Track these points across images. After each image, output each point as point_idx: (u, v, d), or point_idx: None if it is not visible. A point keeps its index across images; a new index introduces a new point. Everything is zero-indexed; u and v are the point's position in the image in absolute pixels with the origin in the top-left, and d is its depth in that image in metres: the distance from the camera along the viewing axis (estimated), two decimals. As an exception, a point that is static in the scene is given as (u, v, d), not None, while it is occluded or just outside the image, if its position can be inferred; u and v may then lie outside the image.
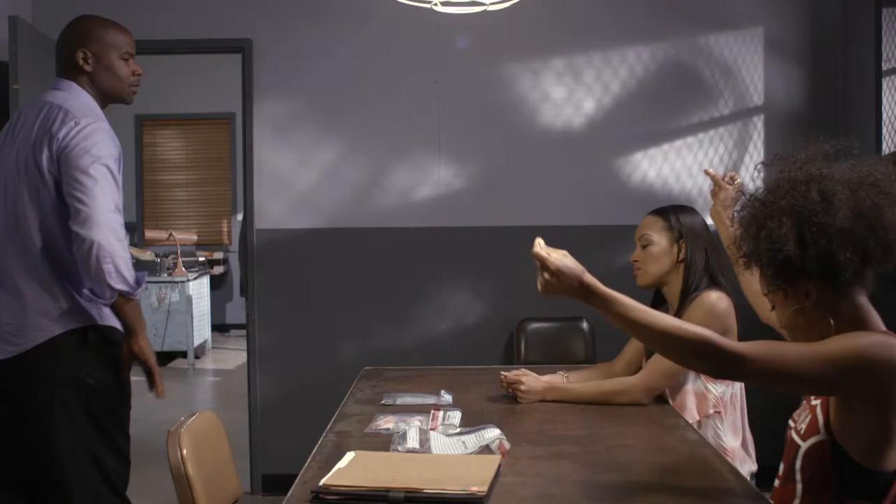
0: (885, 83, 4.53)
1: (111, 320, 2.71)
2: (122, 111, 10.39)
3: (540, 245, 1.97)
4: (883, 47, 4.53)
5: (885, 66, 4.53)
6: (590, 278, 1.93)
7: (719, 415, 2.77)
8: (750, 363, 1.72)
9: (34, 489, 2.67)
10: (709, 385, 2.78)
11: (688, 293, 2.83)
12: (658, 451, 2.33)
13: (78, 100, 2.76)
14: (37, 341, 2.61)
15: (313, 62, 4.88)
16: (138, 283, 2.64)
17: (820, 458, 1.80)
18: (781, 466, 1.93)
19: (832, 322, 1.80)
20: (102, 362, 2.70)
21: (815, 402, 1.87)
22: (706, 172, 2.95)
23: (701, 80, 4.91)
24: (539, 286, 1.98)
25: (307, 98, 4.89)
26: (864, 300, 1.83)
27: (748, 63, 4.93)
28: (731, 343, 1.75)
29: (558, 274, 1.93)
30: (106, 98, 2.89)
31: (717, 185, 2.88)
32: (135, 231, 9.96)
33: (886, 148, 4.49)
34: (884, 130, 4.52)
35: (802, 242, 1.77)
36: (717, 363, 1.74)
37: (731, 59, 4.92)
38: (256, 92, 4.87)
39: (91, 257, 2.52)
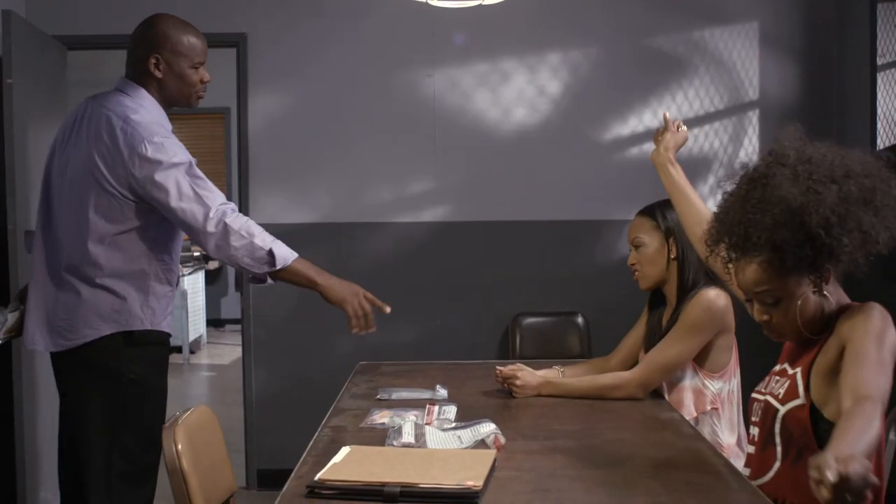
0: (880, 78, 4.54)
1: (160, 324, 2.84)
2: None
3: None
4: (878, 42, 4.53)
5: (880, 61, 4.54)
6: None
7: (717, 411, 2.77)
8: (877, 398, 1.76)
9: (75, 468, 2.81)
10: (706, 381, 2.78)
11: (685, 290, 2.82)
12: (653, 446, 2.33)
13: (146, 112, 2.80)
14: (87, 339, 2.72)
15: (308, 57, 4.87)
16: (275, 257, 2.87)
17: (799, 420, 1.90)
18: (756, 432, 2.02)
19: (833, 301, 1.94)
20: (144, 360, 2.80)
21: (794, 370, 1.96)
22: (664, 116, 2.95)
23: (696, 75, 4.91)
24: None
25: (302, 92, 4.88)
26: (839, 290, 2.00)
27: (743, 57, 4.93)
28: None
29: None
30: (170, 103, 2.94)
31: (667, 128, 2.88)
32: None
33: (881, 143, 4.50)
34: (878, 125, 4.52)
35: (827, 227, 1.83)
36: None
37: (725, 54, 4.92)
38: (251, 86, 4.86)
39: (223, 258, 2.78)
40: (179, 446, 2.18)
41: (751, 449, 2.07)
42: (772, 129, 4.92)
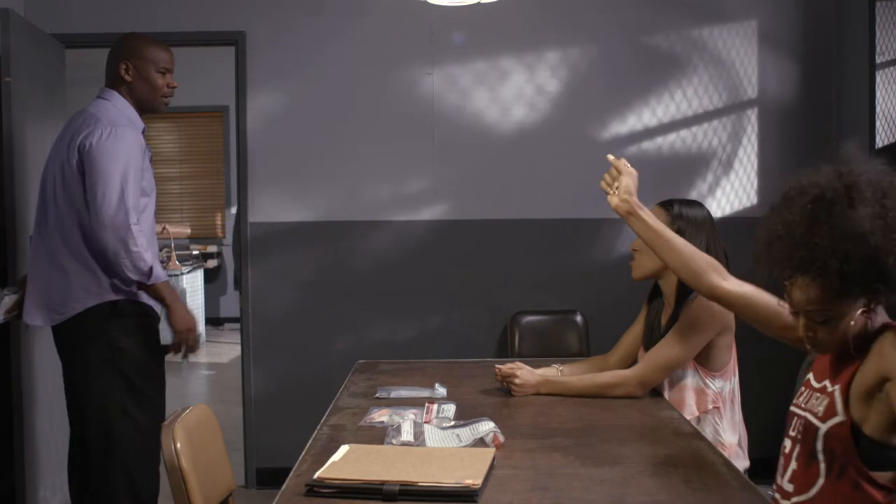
0: (879, 76, 4.53)
1: (148, 298, 3.22)
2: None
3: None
4: (877, 40, 4.53)
5: (878, 59, 4.53)
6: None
7: (718, 410, 2.77)
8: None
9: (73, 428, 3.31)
10: (707, 381, 2.78)
11: (685, 289, 2.80)
12: (652, 444, 2.33)
13: (113, 108, 3.21)
14: (75, 311, 3.15)
15: (306, 55, 4.87)
16: (152, 274, 3.12)
17: (840, 438, 1.88)
18: (797, 450, 1.98)
19: (872, 320, 1.93)
20: (132, 329, 3.21)
21: (833, 387, 1.94)
22: (610, 160, 2.67)
23: (695, 73, 4.91)
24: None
25: (300, 91, 4.88)
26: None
27: (742, 56, 4.93)
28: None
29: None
30: (141, 106, 3.30)
31: (618, 171, 2.61)
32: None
33: (880, 141, 4.50)
34: (877, 124, 4.52)
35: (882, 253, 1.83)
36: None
37: (724, 52, 4.92)
38: (250, 85, 4.86)
39: (107, 253, 3.06)
40: (178, 445, 2.18)
41: (794, 465, 2.00)
42: (771, 127, 4.92)
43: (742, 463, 2.80)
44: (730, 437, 2.78)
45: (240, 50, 4.85)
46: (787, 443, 2.05)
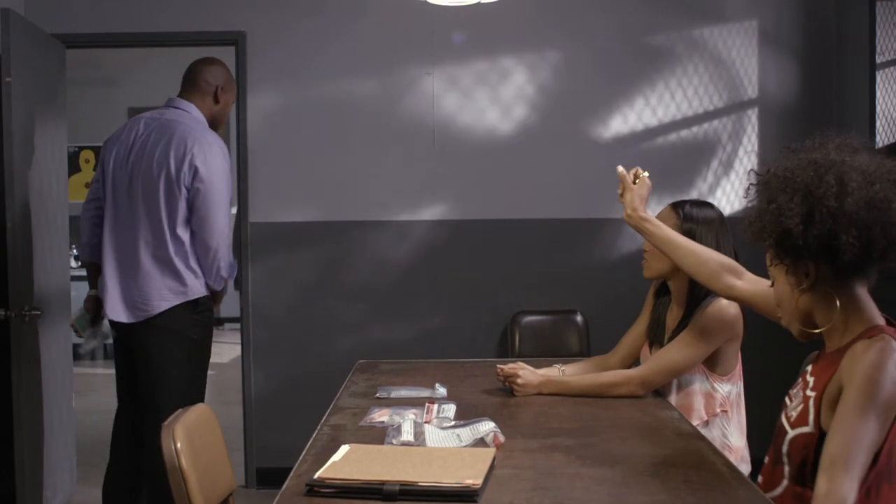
0: (879, 76, 4.54)
1: (206, 292, 3.63)
2: (116, 104, 10.36)
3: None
4: (877, 40, 4.53)
5: (878, 59, 4.54)
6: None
7: (726, 414, 2.77)
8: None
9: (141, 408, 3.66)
10: (716, 385, 2.78)
11: (695, 292, 2.79)
12: (652, 444, 2.33)
13: (202, 121, 3.65)
14: (160, 309, 3.52)
15: (306, 55, 4.87)
16: (231, 275, 3.71)
17: (804, 448, 1.86)
18: (771, 447, 1.99)
19: (837, 303, 1.87)
20: (201, 323, 3.63)
21: (811, 392, 1.90)
22: (619, 172, 2.67)
23: (695, 73, 4.91)
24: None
25: (300, 91, 4.88)
26: (863, 292, 1.88)
27: (742, 56, 4.93)
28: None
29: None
30: (211, 123, 3.73)
31: (625, 185, 2.64)
32: (128, 224, 9.94)
33: (880, 141, 4.50)
34: (878, 123, 4.52)
35: (809, 220, 1.81)
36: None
37: (724, 52, 4.92)
38: (250, 85, 4.86)
39: (208, 255, 3.52)
40: (178, 445, 2.18)
41: (766, 460, 2.03)
42: (771, 126, 4.92)
43: (745, 468, 2.80)
44: (737, 439, 2.78)
45: (240, 50, 4.85)
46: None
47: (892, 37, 4.54)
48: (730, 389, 2.79)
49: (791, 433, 1.90)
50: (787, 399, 2.02)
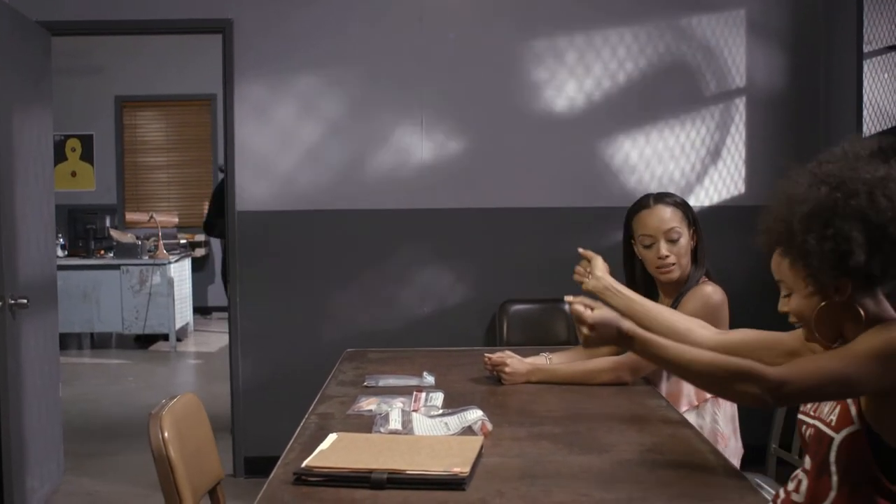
0: (867, 65, 4.54)
1: None
2: (103, 92, 10.32)
3: (578, 301, 2.17)
4: (864, 30, 4.54)
5: (866, 49, 4.54)
6: (627, 325, 2.04)
7: (717, 400, 2.78)
8: (792, 384, 1.77)
9: None
10: None
11: (680, 283, 2.82)
12: (640, 432, 2.34)
13: None
14: None
15: (294, 42, 4.84)
16: None
17: (856, 448, 1.79)
18: (808, 461, 1.90)
19: (862, 314, 1.81)
20: None
21: None
22: (581, 253, 2.77)
23: (683, 62, 4.91)
24: (581, 340, 2.14)
25: (288, 79, 4.86)
26: (879, 291, 1.85)
27: (730, 45, 4.93)
28: (771, 368, 1.79)
29: (597, 327, 2.06)
30: None
31: (589, 259, 2.72)
32: (115, 213, 9.90)
33: (867, 130, 4.51)
34: (865, 113, 4.53)
35: (870, 247, 1.74)
36: (761, 389, 1.78)
37: (713, 41, 4.92)
38: (237, 73, 4.83)
39: None
40: (166, 434, 2.18)
41: (803, 476, 1.92)
42: (759, 116, 4.93)
43: (738, 452, 2.82)
44: (725, 426, 2.79)
45: (227, 38, 4.82)
46: (802, 453, 1.98)
47: (879, 26, 4.55)
48: None
49: (837, 437, 1.82)
50: (802, 416, 1.97)
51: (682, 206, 2.90)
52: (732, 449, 2.81)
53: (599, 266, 2.67)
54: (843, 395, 1.80)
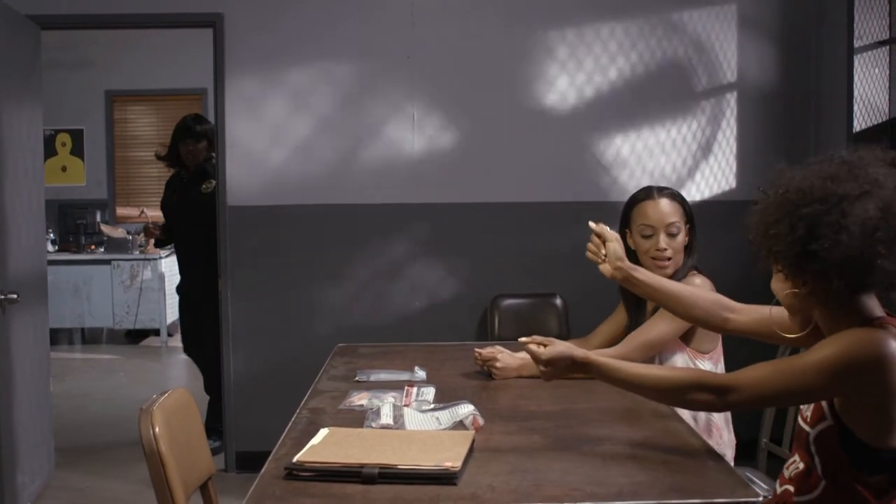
0: (857, 60, 4.55)
1: None
2: (93, 86, 10.25)
3: (531, 340, 2.26)
4: (855, 24, 4.54)
5: (857, 44, 4.55)
6: (580, 355, 2.16)
7: None
8: (738, 392, 1.87)
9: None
10: (697, 362, 2.80)
11: (674, 277, 2.82)
12: (630, 426, 2.34)
13: None
14: None
15: (285, 36, 4.83)
16: None
17: (829, 443, 1.84)
18: (797, 455, 1.95)
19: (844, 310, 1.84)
20: None
21: None
22: (592, 227, 2.59)
23: (674, 57, 4.91)
24: (542, 376, 2.25)
25: (279, 73, 4.85)
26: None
27: (721, 40, 4.93)
28: (720, 376, 1.93)
29: (553, 363, 2.18)
30: None
31: (603, 238, 2.55)
32: (106, 208, 9.87)
33: (858, 125, 4.52)
34: (855, 108, 4.54)
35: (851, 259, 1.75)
36: (710, 396, 1.91)
37: (704, 36, 4.92)
38: (228, 67, 4.82)
39: None
40: (157, 429, 2.17)
41: (795, 467, 1.95)
42: (750, 111, 4.94)
43: (731, 444, 2.83)
44: (721, 419, 2.80)
45: (217, 31, 4.80)
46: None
47: (870, 21, 4.56)
48: (712, 368, 2.81)
49: (812, 432, 1.87)
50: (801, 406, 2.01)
51: (682, 202, 2.93)
52: (727, 441, 2.82)
53: (615, 251, 2.51)
54: (791, 403, 1.87)
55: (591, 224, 2.59)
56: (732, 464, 2.83)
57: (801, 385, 1.79)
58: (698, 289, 2.55)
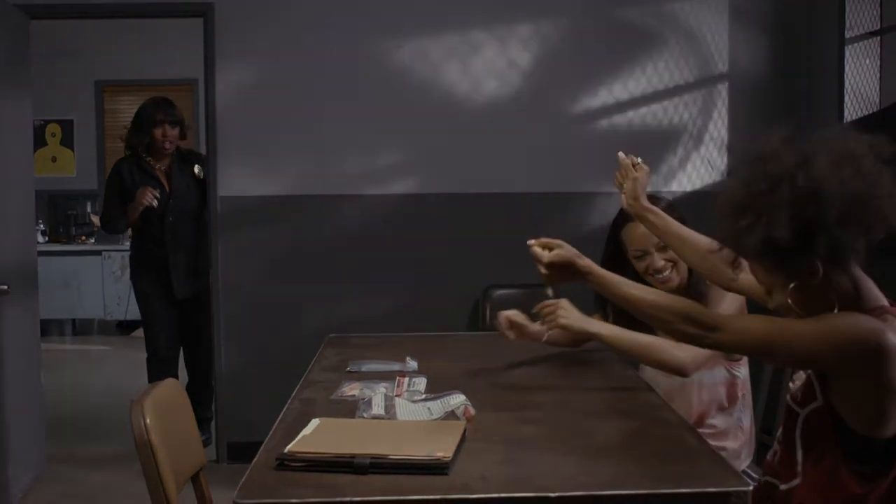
0: (849, 51, 4.56)
1: None
2: (83, 76, 10.18)
3: (537, 243, 2.25)
4: (846, 15, 4.55)
5: (848, 34, 4.56)
6: (584, 263, 2.18)
7: (744, 398, 2.78)
8: (724, 331, 1.85)
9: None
10: (734, 370, 2.76)
11: (697, 288, 2.73)
12: (622, 416, 2.35)
13: None
14: None
15: (276, 26, 4.81)
16: None
17: (819, 425, 1.82)
18: (780, 433, 1.94)
19: (835, 294, 1.80)
20: None
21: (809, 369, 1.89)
22: (620, 158, 2.59)
23: (666, 47, 4.91)
24: (541, 280, 2.27)
25: (270, 63, 4.83)
26: (859, 271, 1.84)
27: (713, 30, 4.93)
28: (711, 313, 1.92)
29: (555, 265, 2.19)
30: None
31: (625, 173, 2.55)
32: (96, 199, 9.83)
33: (849, 115, 4.53)
34: (846, 98, 4.55)
35: (805, 233, 1.74)
36: (698, 330, 1.89)
37: (695, 26, 4.92)
38: (219, 57, 4.80)
39: None
40: (148, 420, 2.17)
41: (777, 450, 1.95)
42: (741, 101, 4.94)
43: (752, 444, 2.83)
44: (748, 420, 2.80)
45: (208, 21, 4.78)
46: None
47: (861, 11, 4.57)
48: (745, 373, 2.78)
49: (802, 413, 1.86)
50: (790, 384, 2.01)
51: (667, 208, 2.71)
52: (751, 444, 2.82)
53: (632, 188, 2.51)
54: (773, 360, 1.84)
55: (620, 154, 2.60)
56: (748, 463, 2.84)
57: (792, 345, 1.77)
58: (707, 239, 2.46)
